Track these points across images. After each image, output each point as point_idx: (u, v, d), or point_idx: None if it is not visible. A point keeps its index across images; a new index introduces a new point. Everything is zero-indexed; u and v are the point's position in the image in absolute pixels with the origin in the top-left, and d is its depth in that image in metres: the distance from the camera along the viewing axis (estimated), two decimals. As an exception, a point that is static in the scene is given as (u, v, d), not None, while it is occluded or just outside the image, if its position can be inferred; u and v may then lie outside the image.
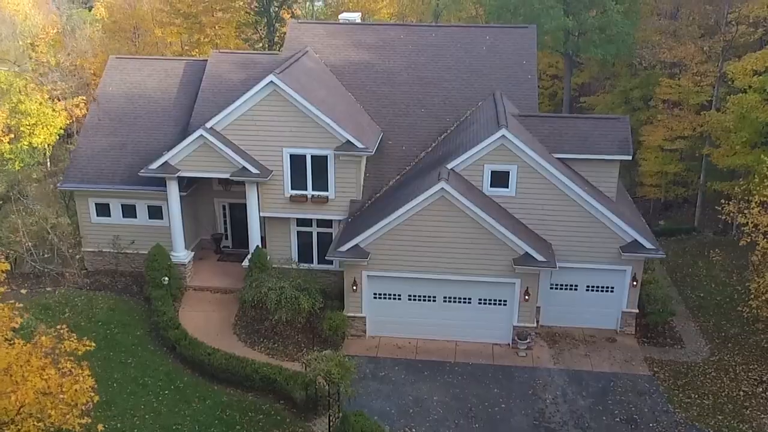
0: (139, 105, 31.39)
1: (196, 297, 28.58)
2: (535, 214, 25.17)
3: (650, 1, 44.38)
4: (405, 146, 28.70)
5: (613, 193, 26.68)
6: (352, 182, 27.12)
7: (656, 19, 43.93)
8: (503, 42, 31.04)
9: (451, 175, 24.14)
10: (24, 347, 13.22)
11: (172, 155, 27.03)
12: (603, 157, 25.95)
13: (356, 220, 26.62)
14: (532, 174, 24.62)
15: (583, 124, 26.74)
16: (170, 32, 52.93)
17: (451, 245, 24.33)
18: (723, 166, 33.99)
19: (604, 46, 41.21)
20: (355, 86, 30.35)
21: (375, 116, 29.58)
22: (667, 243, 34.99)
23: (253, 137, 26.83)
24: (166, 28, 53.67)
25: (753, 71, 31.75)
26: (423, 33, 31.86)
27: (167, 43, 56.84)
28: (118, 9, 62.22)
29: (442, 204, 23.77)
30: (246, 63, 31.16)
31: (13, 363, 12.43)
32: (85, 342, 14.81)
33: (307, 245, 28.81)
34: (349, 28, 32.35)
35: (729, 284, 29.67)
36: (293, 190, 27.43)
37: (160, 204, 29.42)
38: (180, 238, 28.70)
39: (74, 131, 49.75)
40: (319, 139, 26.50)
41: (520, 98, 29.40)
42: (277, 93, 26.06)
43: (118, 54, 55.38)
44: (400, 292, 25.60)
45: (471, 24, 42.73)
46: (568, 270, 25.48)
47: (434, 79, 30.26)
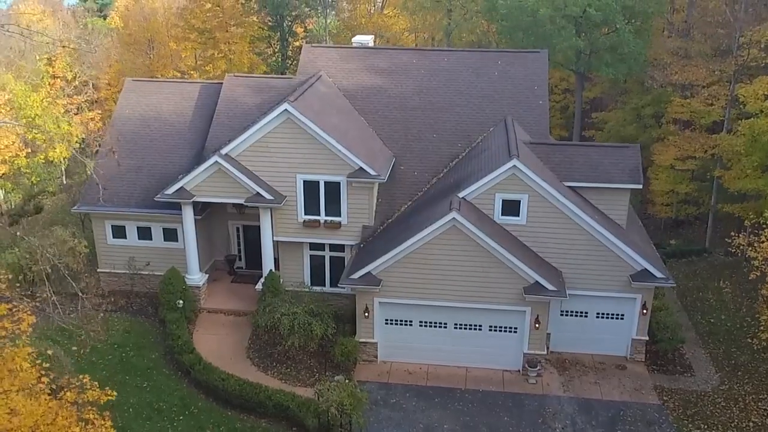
0: (155, 128, 31.87)
1: (210, 319, 28.98)
2: (545, 242, 25.39)
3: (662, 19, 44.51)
4: (417, 171, 28.99)
5: (624, 220, 26.87)
6: (365, 208, 27.45)
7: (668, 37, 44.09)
8: (515, 67, 31.29)
9: (462, 205, 24.41)
10: (50, 403, 13.58)
11: (188, 180, 27.46)
12: (613, 186, 26.15)
13: (368, 246, 26.94)
14: (543, 203, 24.85)
15: (593, 152, 26.93)
16: (185, 47, 53.50)
17: (462, 273, 24.60)
18: (734, 190, 34.02)
19: (616, 65, 41.33)
20: (368, 111, 30.69)
21: (387, 141, 29.90)
22: (677, 265, 35.14)
23: (268, 163, 27.21)
24: (180, 43, 54.29)
25: (764, 96, 31.80)
26: (435, 57, 32.16)
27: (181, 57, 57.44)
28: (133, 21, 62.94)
29: (454, 233, 24.05)
30: (261, 87, 31.59)
31: (40, 422, 12.79)
32: (107, 392, 15.18)
33: (319, 268, 29.17)
34: (362, 52, 32.70)
35: (739, 310, 29.77)
36: (306, 215, 27.79)
37: (175, 227, 29.88)
38: (195, 261, 29.12)
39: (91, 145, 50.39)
40: (332, 166, 26.85)
41: (531, 124, 29.66)
42: (292, 120, 26.43)
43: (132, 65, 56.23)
44: (411, 319, 25.89)
45: (482, 48, 42.91)
46: (578, 297, 25.70)
47: (446, 104, 30.55)
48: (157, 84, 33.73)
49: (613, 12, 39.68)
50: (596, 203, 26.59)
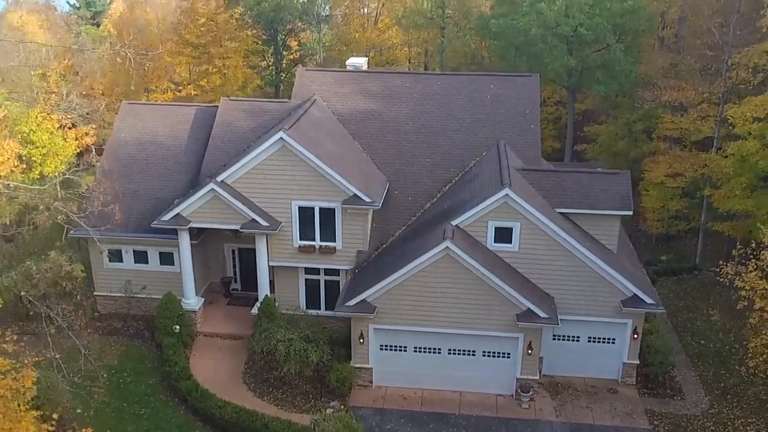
0: (151, 151, 32.12)
1: (207, 343, 29.26)
2: (538, 268, 25.77)
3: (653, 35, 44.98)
4: (411, 196, 29.35)
5: (614, 245, 27.28)
6: (359, 234, 27.78)
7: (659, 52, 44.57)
8: (507, 91, 31.69)
9: (455, 233, 24.76)
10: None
11: (184, 207, 27.72)
12: (604, 212, 26.56)
13: (363, 272, 27.27)
14: (535, 230, 25.23)
15: (584, 178, 27.32)
16: (179, 62, 53.67)
17: (456, 301, 24.97)
18: (723, 210, 34.49)
19: (607, 82, 41.71)
20: (362, 135, 31.04)
21: (381, 165, 30.25)
22: (668, 284, 35.63)
23: (263, 190, 27.51)
24: (174, 57, 54.44)
25: (753, 118, 32.28)
26: (428, 81, 32.55)
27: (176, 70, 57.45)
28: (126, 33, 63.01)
29: (447, 262, 24.41)
30: (256, 111, 31.91)
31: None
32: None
33: (314, 292, 29.48)
34: (356, 76, 33.04)
35: (729, 331, 30.21)
36: (302, 240, 28.11)
37: (171, 250, 30.15)
38: (191, 286, 29.40)
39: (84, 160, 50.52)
40: (327, 193, 27.17)
41: (523, 148, 30.06)
42: (287, 148, 26.74)
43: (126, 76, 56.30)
44: (406, 344, 26.25)
45: (476, 65, 43.23)
46: (570, 322, 26.11)
47: (439, 128, 30.92)
48: (152, 107, 34.01)
49: (604, 30, 40.09)
50: (587, 228, 27.00)
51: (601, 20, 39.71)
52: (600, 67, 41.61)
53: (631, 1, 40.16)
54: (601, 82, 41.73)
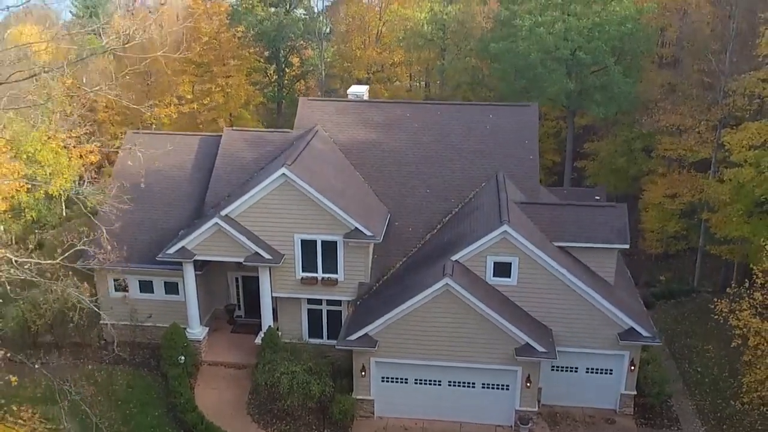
0: (155, 181, 32.58)
1: (211, 373, 29.75)
2: (536, 302, 26.24)
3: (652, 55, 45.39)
4: (411, 227, 29.82)
5: (612, 277, 27.73)
6: (361, 266, 28.25)
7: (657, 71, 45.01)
8: (505, 120, 32.14)
9: (455, 268, 25.23)
10: None
11: (189, 240, 28.22)
12: (601, 246, 27.01)
13: (365, 304, 27.75)
14: (533, 265, 25.70)
15: (581, 212, 27.79)
16: (182, 81, 54.15)
17: (456, 335, 25.45)
18: (720, 236, 34.93)
19: (606, 104, 42.15)
20: (363, 165, 31.52)
21: (382, 196, 30.73)
22: (666, 307, 36.09)
23: (267, 223, 28.00)
24: (178, 75, 54.92)
25: (749, 146, 32.70)
26: (428, 111, 33.03)
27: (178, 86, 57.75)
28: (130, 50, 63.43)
29: (447, 297, 24.90)
30: (258, 142, 32.40)
31: None
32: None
33: (317, 321, 29.97)
34: (357, 105, 33.52)
35: (726, 357, 30.59)
36: (304, 272, 28.59)
37: (176, 280, 30.65)
38: (195, 317, 29.91)
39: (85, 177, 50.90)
40: (329, 226, 27.65)
41: (522, 179, 30.51)
42: (289, 183, 27.22)
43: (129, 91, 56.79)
44: (406, 376, 26.74)
45: (474, 97, 43.73)
46: (568, 353, 26.56)
47: (439, 158, 31.39)
48: (157, 137, 34.51)
49: (603, 53, 40.55)
50: (585, 261, 27.45)
51: (600, 43, 40.18)
52: (599, 89, 42.07)
53: (630, 25, 40.61)
54: (600, 104, 42.20)
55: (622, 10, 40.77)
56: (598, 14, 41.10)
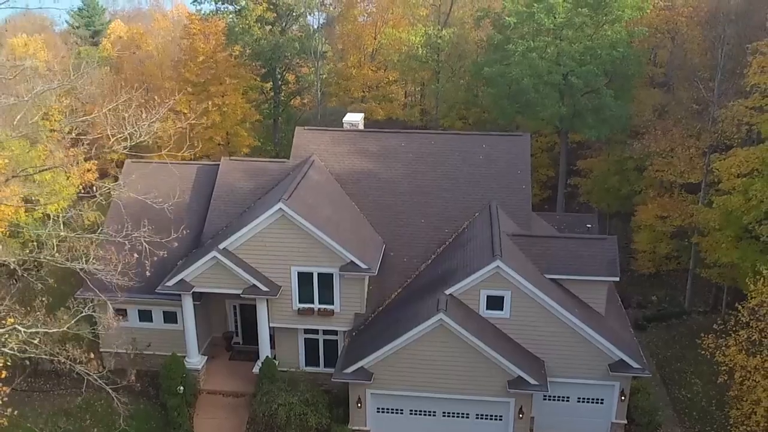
0: (154, 210, 32.97)
1: (210, 402, 30.23)
2: (528, 334, 26.81)
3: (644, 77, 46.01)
4: (406, 258, 30.35)
5: (602, 307, 28.29)
6: (357, 297, 28.78)
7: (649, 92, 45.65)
8: (499, 150, 32.69)
9: (449, 302, 25.79)
10: None
11: (187, 273, 28.71)
12: (592, 278, 27.58)
13: (360, 336, 28.29)
14: (525, 299, 26.26)
15: (572, 244, 28.36)
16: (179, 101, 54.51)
17: (450, 368, 26.00)
18: (711, 261, 35.50)
19: (598, 127, 42.66)
20: (359, 195, 32.04)
21: (377, 226, 31.25)
22: (657, 330, 36.69)
23: (264, 256, 28.51)
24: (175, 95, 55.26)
25: (738, 174, 33.26)
26: (422, 141, 33.55)
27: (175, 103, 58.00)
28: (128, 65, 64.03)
29: (441, 332, 25.45)
30: (255, 171, 32.92)
31: None
32: None
33: (313, 350, 30.49)
34: (353, 135, 34.04)
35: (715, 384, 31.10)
36: (301, 303, 29.11)
37: (174, 310, 31.13)
38: (194, 346, 30.40)
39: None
40: (326, 259, 28.17)
41: (514, 209, 31.06)
42: (286, 218, 27.73)
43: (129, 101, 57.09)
44: (402, 407, 27.28)
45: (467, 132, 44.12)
46: (560, 384, 27.12)
47: (434, 188, 31.93)
48: (155, 165, 34.91)
49: (595, 77, 41.09)
50: (576, 292, 28.01)
51: (592, 67, 40.72)
52: (591, 112, 42.60)
53: (621, 49, 41.17)
54: (592, 126, 42.71)
55: (614, 34, 41.33)
56: (590, 38, 41.66)
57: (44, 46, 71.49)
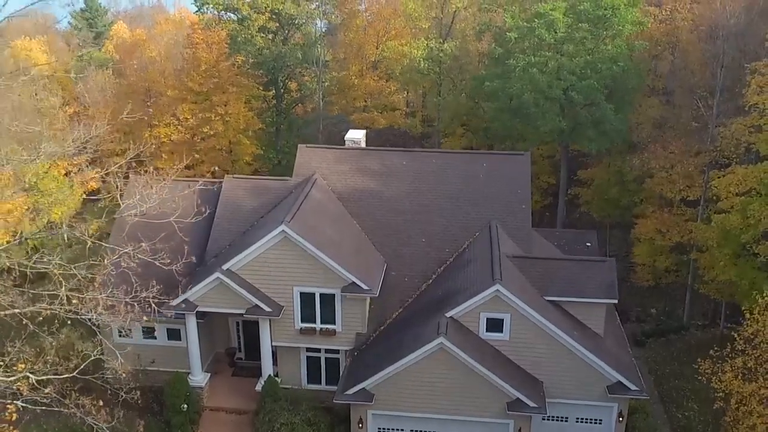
0: (157, 228, 33.32)
1: (213, 419, 30.61)
2: (527, 356, 27.16)
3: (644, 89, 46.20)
4: (407, 277, 30.69)
5: (601, 329, 28.62)
6: (358, 317, 29.14)
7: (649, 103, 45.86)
8: (499, 169, 32.99)
9: (449, 325, 26.14)
10: None
11: (191, 293, 29.08)
12: (590, 301, 27.93)
13: (362, 356, 28.65)
14: (525, 321, 26.60)
15: (571, 266, 28.70)
16: (182, 110, 54.82)
17: (450, 389, 26.38)
18: (709, 278, 35.81)
19: (598, 140, 42.90)
20: (361, 214, 32.36)
21: (379, 245, 31.59)
22: (655, 346, 37.03)
23: (266, 277, 28.87)
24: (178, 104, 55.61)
25: (736, 192, 33.54)
26: (424, 159, 33.86)
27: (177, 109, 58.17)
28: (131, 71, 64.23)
29: (441, 355, 25.81)
30: (258, 189, 33.25)
31: None
32: None
33: (316, 368, 30.89)
34: (355, 153, 34.34)
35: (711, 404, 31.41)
36: (303, 323, 29.48)
37: (178, 327, 31.51)
38: (197, 364, 30.80)
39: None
40: (327, 280, 28.52)
41: (514, 228, 31.39)
42: (288, 239, 28.07)
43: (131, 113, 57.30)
44: (403, 428, 27.66)
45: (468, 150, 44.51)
46: (559, 404, 27.49)
47: (435, 207, 32.24)
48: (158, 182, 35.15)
49: (595, 91, 41.30)
50: (575, 313, 28.36)
51: (593, 82, 40.93)
52: (591, 125, 42.84)
53: (622, 63, 41.38)
54: (592, 139, 42.95)
55: (614, 48, 41.55)
56: (591, 52, 41.87)
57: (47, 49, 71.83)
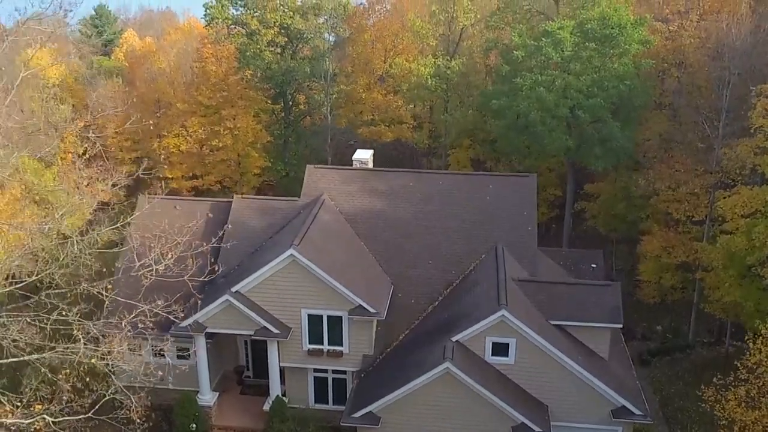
0: (167, 247, 33.78)
1: (221, 438, 31.06)
2: (532, 380, 27.43)
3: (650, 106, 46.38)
4: (414, 299, 31.02)
5: (606, 352, 28.87)
6: (365, 339, 29.49)
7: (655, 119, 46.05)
8: (505, 191, 33.29)
9: (455, 350, 26.44)
10: None
11: (201, 315, 29.49)
12: (595, 325, 28.19)
13: (368, 378, 29.00)
14: (530, 346, 26.88)
15: (576, 290, 28.97)
16: (191, 123, 55.34)
17: (456, 413, 26.65)
18: (714, 298, 35.96)
19: (605, 157, 43.11)
20: (368, 235, 32.71)
21: (386, 266, 31.94)
22: (660, 365, 37.21)
23: (275, 299, 29.27)
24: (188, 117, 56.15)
25: (742, 215, 33.70)
26: (430, 181, 34.22)
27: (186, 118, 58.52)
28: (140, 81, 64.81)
29: (447, 379, 26.10)
30: (267, 210, 33.68)
31: None
32: None
33: (323, 388, 31.27)
34: (362, 174, 34.71)
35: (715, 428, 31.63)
36: (311, 344, 29.85)
37: (187, 346, 31.91)
38: (206, 384, 31.22)
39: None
40: (335, 302, 28.88)
41: (520, 250, 31.66)
42: (296, 263, 28.44)
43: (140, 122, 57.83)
44: (408, 449, 27.96)
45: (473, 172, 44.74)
46: (564, 428, 27.74)
47: (441, 228, 32.57)
48: (169, 201, 35.66)
49: (602, 109, 41.54)
50: (579, 337, 28.63)
51: (599, 100, 41.16)
52: (597, 143, 43.07)
53: (629, 82, 41.60)
54: (599, 157, 43.18)
55: (621, 66, 41.77)
56: (597, 70, 42.12)
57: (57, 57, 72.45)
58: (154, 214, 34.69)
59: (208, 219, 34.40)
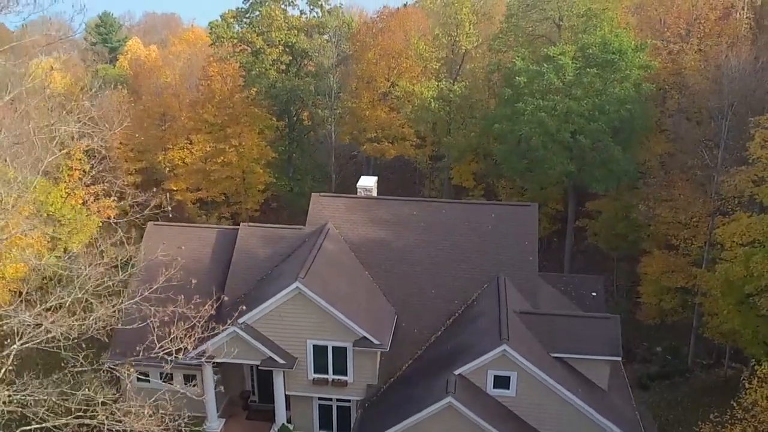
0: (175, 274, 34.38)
1: (228, 464, 31.67)
2: (533, 412, 27.97)
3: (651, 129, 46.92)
4: (417, 329, 31.57)
5: (605, 383, 29.42)
6: (369, 369, 30.07)
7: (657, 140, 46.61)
8: (506, 221, 33.81)
9: (458, 383, 27.01)
10: None
11: (208, 345, 30.05)
12: (595, 358, 28.75)
13: (372, 408, 29.56)
14: (531, 379, 27.43)
15: (577, 323, 29.53)
16: (197, 140, 55.96)
17: (457, 446, 27.23)
18: (713, 325, 36.50)
19: (606, 180, 43.68)
20: (372, 264, 33.26)
21: (389, 296, 32.49)
22: (660, 389, 37.77)
23: (281, 330, 29.85)
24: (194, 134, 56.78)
25: (740, 243, 34.24)
26: (433, 210, 34.74)
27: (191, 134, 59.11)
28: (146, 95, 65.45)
29: (449, 413, 26.63)
30: (272, 238, 34.25)
31: None
32: None
33: (327, 415, 31.85)
34: (366, 202, 35.27)
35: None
36: (316, 374, 30.44)
37: (194, 373, 32.55)
38: (213, 411, 31.85)
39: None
40: (340, 334, 29.46)
41: (521, 280, 32.20)
42: (302, 295, 29.03)
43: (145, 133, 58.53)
44: (412, 481, 28.53)
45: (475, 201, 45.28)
46: (564, 458, 28.33)
47: (444, 258, 33.11)
48: (176, 229, 36.29)
49: (603, 134, 42.10)
50: (579, 368, 29.18)
51: (600, 124, 41.72)
52: (598, 166, 43.64)
53: (630, 106, 42.14)
54: (599, 179, 43.76)
55: (622, 91, 42.31)
56: (599, 95, 42.65)
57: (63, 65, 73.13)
58: (163, 243, 35.44)
59: (216, 245, 35.15)
